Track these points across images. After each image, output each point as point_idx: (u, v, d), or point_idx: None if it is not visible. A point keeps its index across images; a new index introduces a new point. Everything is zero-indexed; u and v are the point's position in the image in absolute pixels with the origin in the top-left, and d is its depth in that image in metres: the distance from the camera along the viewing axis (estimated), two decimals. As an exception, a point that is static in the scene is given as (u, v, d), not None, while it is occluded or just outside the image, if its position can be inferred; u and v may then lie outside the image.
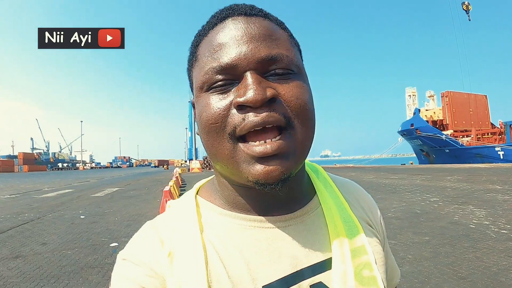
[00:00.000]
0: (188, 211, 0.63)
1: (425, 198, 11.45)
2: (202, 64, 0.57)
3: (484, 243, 5.89)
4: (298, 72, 0.57)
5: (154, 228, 0.62)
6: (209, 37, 0.58)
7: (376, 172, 27.97)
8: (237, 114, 0.52)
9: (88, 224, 9.22)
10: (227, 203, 0.63)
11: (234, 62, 0.53)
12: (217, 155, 0.56)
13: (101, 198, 15.87)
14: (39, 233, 8.25)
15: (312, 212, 0.64)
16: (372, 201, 0.76)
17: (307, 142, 0.56)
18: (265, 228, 0.60)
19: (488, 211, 8.69)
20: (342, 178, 0.78)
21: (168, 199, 10.55)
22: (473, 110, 49.65)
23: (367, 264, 0.60)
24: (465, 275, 4.47)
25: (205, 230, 0.60)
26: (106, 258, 5.89)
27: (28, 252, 6.45)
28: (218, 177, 0.65)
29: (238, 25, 0.56)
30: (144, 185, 23.45)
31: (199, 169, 48.25)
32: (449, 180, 17.56)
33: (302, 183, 0.66)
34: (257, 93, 0.50)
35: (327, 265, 0.59)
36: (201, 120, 0.56)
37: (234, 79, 0.54)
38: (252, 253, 0.57)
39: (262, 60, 0.53)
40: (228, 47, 0.54)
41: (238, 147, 0.53)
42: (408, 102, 59.01)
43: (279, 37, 0.57)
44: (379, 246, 0.67)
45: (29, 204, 14.32)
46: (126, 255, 0.58)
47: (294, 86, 0.55)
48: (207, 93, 0.56)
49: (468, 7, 50.01)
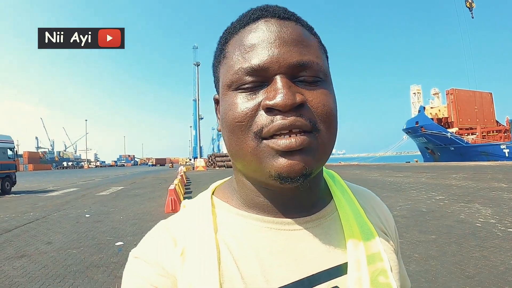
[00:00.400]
0: (203, 211, 0.63)
1: (430, 196, 11.43)
2: (232, 63, 0.57)
3: (491, 241, 5.87)
4: (325, 79, 0.58)
5: (167, 227, 0.62)
6: (239, 36, 0.58)
7: (380, 170, 27.95)
8: (265, 115, 0.52)
9: (93, 223, 9.25)
10: (244, 203, 0.63)
11: (265, 64, 0.53)
12: (239, 152, 0.56)
13: (106, 197, 15.96)
14: (44, 232, 8.29)
15: (328, 216, 0.64)
16: (387, 210, 0.76)
17: (329, 146, 0.56)
18: (282, 230, 0.59)
19: (494, 209, 8.66)
20: (358, 186, 0.78)
21: (173, 197, 10.60)
22: (478, 107, 49.52)
23: (383, 270, 0.59)
24: (472, 274, 4.45)
25: (220, 230, 0.59)
26: (112, 257, 5.91)
27: (33, 251, 6.48)
28: (238, 176, 0.64)
29: (271, 27, 0.56)
30: (149, 184, 23.57)
31: (204, 167, 48.34)
32: (454, 178, 17.52)
33: (319, 187, 0.65)
34: (287, 97, 0.50)
35: (343, 269, 0.58)
36: (227, 118, 0.56)
37: (263, 81, 0.54)
38: (267, 254, 0.57)
39: (293, 65, 0.53)
40: (260, 49, 0.54)
41: (262, 144, 0.53)
42: (413, 99, 58.92)
43: (310, 44, 0.57)
44: (393, 254, 0.67)
45: (34, 203, 14.42)
46: (139, 254, 0.58)
47: (321, 94, 0.55)
48: (235, 92, 0.56)
49: (471, 5, 49.73)
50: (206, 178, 26.87)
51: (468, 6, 49.80)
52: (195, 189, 18.06)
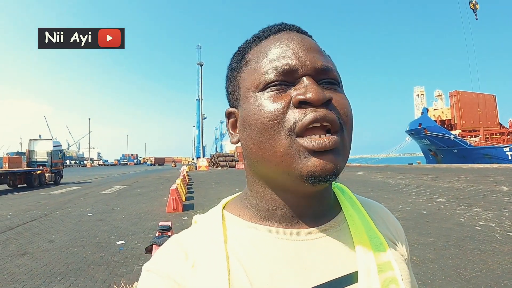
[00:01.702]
0: (213, 224, 0.64)
1: (431, 198, 11.42)
2: (258, 66, 0.60)
3: (489, 245, 5.89)
4: (340, 86, 0.62)
5: (179, 241, 0.63)
6: (262, 45, 0.62)
7: (383, 171, 27.86)
8: (297, 110, 0.55)
9: (95, 221, 9.33)
10: (256, 216, 0.64)
11: (295, 66, 0.57)
12: (269, 153, 0.57)
13: (108, 196, 16.03)
14: (47, 230, 8.37)
15: (338, 226, 0.65)
16: (397, 222, 0.78)
17: (349, 148, 0.60)
18: (292, 240, 0.61)
19: (495, 212, 8.66)
20: (367, 199, 0.80)
21: (175, 197, 10.63)
22: (482, 110, 49.31)
23: (394, 279, 0.60)
24: (469, 278, 4.48)
25: (230, 241, 0.60)
26: (113, 255, 5.97)
27: (35, 249, 6.55)
28: (256, 187, 0.65)
29: (294, 37, 0.60)
30: (151, 183, 23.57)
31: (206, 167, 48.22)
32: (456, 180, 17.47)
33: (330, 198, 0.68)
34: (318, 92, 0.54)
35: (354, 278, 0.59)
36: (255, 119, 0.57)
37: (291, 82, 0.57)
38: (277, 264, 0.58)
39: (318, 68, 0.58)
40: (288, 54, 0.58)
41: (296, 142, 0.54)
42: (416, 101, 58.60)
43: (326, 55, 0.63)
44: (404, 264, 0.68)
45: (37, 201, 14.52)
46: (151, 267, 0.59)
47: (342, 98, 0.59)
48: (262, 92, 0.58)
49: (475, 6, 49.45)
50: (208, 178, 26.84)
51: (472, 7, 49.56)
52: (197, 189, 18.09)
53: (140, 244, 6.66)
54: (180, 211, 10.54)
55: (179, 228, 7.45)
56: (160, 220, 8.46)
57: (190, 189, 17.55)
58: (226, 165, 54.20)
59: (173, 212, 10.36)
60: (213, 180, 24.92)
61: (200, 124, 66.63)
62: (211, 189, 17.94)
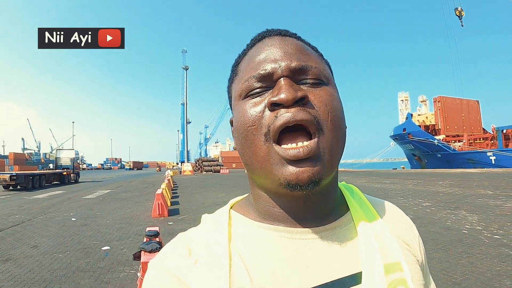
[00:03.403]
0: (219, 223, 0.64)
1: (417, 203, 11.53)
2: (242, 75, 0.62)
3: (478, 248, 5.94)
4: (328, 83, 0.61)
5: (184, 238, 0.64)
6: (248, 55, 0.64)
7: (368, 176, 28.13)
8: (270, 113, 0.56)
9: (80, 226, 9.16)
10: (259, 215, 0.64)
11: (270, 70, 0.58)
12: (253, 159, 0.58)
13: (92, 200, 15.81)
14: (30, 235, 8.18)
15: (344, 226, 0.64)
16: (409, 221, 0.75)
17: (336, 150, 0.57)
18: (295, 239, 0.60)
19: (481, 216, 8.77)
20: (379, 199, 0.78)
21: (160, 202, 10.57)
22: (465, 115, 50.13)
23: (402, 280, 0.59)
24: (459, 281, 4.49)
25: (234, 239, 0.61)
26: (98, 262, 5.84)
27: (18, 255, 6.39)
28: (254, 189, 0.66)
29: (273, 42, 0.62)
30: (135, 188, 23.39)
31: (191, 171, 48.14)
32: (441, 185, 17.70)
33: (333, 198, 0.66)
34: (289, 92, 0.54)
35: (358, 279, 0.58)
36: (239, 126, 0.60)
37: (269, 86, 0.58)
38: (279, 262, 0.57)
39: (294, 68, 0.58)
40: (265, 59, 0.60)
41: (273, 149, 0.55)
42: (401, 106, 59.49)
43: (309, 53, 0.62)
44: (416, 265, 0.66)
45: (19, 205, 14.21)
46: (155, 263, 0.60)
47: (324, 94, 0.58)
48: (244, 100, 0.60)
49: (461, 13, 50.09)
50: (193, 183, 26.84)
51: (457, 14, 50.22)
52: (182, 193, 18.00)
53: (126, 250, 6.55)
54: (166, 216, 10.45)
55: (165, 233, 7.42)
56: (146, 225, 8.41)
57: (175, 194, 17.47)
58: (211, 169, 54.39)
59: (159, 217, 10.26)
60: (198, 184, 24.92)
61: (184, 129, 66.44)
62: (196, 193, 17.87)
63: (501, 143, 41.05)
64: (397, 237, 0.67)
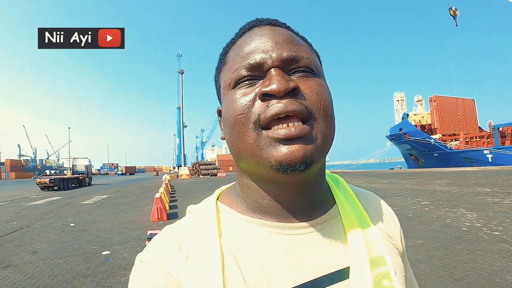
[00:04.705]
0: (208, 216, 0.64)
1: (416, 202, 11.56)
2: (231, 64, 0.62)
3: (478, 245, 5.96)
4: (318, 74, 0.62)
5: (172, 232, 0.63)
6: (237, 44, 0.64)
7: (365, 177, 28.18)
8: (261, 103, 0.56)
9: (79, 232, 9.12)
10: (248, 208, 0.64)
11: (261, 60, 0.58)
12: (241, 147, 0.58)
13: (90, 206, 15.76)
14: (29, 241, 8.14)
15: (331, 220, 0.65)
16: (392, 213, 0.77)
17: (329, 136, 0.58)
18: (284, 234, 0.60)
19: (479, 213, 8.81)
20: (363, 190, 0.79)
21: (159, 206, 10.55)
22: (461, 114, 50.38)
23: (387, 274, 0.60)
24: (461, 277, 4.51)
25: (224, 235, 0.61)
26: (99, 266, 5.82)
27: (18, 261, 6.35)
28: (242, 179, 0.65)
29: (264, 31, 0.62)
30: (133, 193, 23.33)
31: (188, 175, 48.09)
32: (438, 184, 17.75)
33: (321, 190, 0.66)
34: (280, 83, 0.53)
35: (346, 274, 0.59)
36: (228, 114, 0.59)
37: (260, 76, 0.58)
38: (270, 258, 0.58)
39: (285, 59, 0.58)
40: (255, 48, 0.60)
41: (262, 134, 0.55)
42: (397, 107, 59.61)
43: (300, 44, 0.62)
44: (398, 257, 0.67)
45: (17, 212, 14.14)
46: (144, 258, 0.60)
47: (315, 84, 0.58)
48: (234, 89, 0.59)
49: (455, 13, 50.27)
50: (190, 186, 26.80)
51: (452, 14, 50.44)
52: (180, 197, 17.99)
53: (127, 254, 6.53)
54: (165, 220, 10.44)
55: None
56: (145, 229, 8.42)
57: (173, 198, 17.48)
58: (208, 173, 54.32)
59: (158, 221, 10.24)
60: (196, 188, 24.88)
61: (181, 133, 66.59)
62: (194, 197, 17.80)
63: (497, 141, 41.30)
64: (381, 230, 0.68)
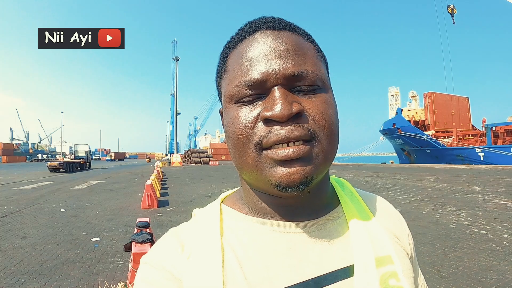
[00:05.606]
0: (211, 217, 0.64)
1: (405, 197, 11.65)
2: (232, 77, 0.59)
3: (465, 243, 6.03)
4: (323, 86, 0.59)
5: (176, 233, 0.64)
6: (238, 50, 0.60)
7: (357, 170, 28.27)
8: (264, 126, 0.54)
9: (69, 217, 9.12)
10: (250, 209, 0.64)
11: (263, 77, 0.55)
12: (242, 164, 0.58)
13: (81, 191, 15.72)
14: (19, 226, 8.14)
15: (335, 220, 0.65)
16: (399, 215, 0.76)
17: (330, 153, 0.57)
18: (287, 232, 0.61)
19: (468, 211, 8.89)
20: (368, 193, 0.79)
21: (150, 193, 10.56)
22: (455, 111, 50.49)
23: (393, 273, 0.60)
24: (446, 274, 4.56)
25: (226, 234, 0.61)
26: (88, 253, 5.84)
27: (8, 246, 6.37)
28: (244, 185, 0.66)
29: (267, 39, 0.58)
30: (124, 179, 23.26)
31: (180, 163, 47.83)
32: (429, 180, 17.84)
33: (325, 194, 0.66)
34: (283, 108, 0.52)
35: (350, 271, 0.59)
36: (229, 132, 0.58)
37: (262, 93, 0.56)
38: (272, 256, 0.58)
39: (288, 76, 0.55)
40: (258, 62, 0.56)
41: (262, 154, 0.54)
42: (391, 101, 59.58)
43: (305, 52, 0.59)
44: (406, 258, 0.67)
45: (8, 196, 14.09)
46: (148, 259, 0.60)
47: (319, 102, 0.56)
48: (235, 105, 0.58)
49: (453, 10, 50.11)
50: (182, 174, 26.76)
51: (449, 11, 50.32)
52: (172, 185, 18.01)
53: (116, 241, 6.56)
54: (155, 207, 10.45)
55: (155, 224, 7.44)
56: (135, 216, 8.39)
57: (164, 185, 17.46)
58: (200, 161, 54.10)
59: (148, 208, 10.28)
60: (187, 176, 24.88)
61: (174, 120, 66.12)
62: (186, 185, 17.88)
63: (490, 140, 41.46)
64: (387, 230, 0.68)
